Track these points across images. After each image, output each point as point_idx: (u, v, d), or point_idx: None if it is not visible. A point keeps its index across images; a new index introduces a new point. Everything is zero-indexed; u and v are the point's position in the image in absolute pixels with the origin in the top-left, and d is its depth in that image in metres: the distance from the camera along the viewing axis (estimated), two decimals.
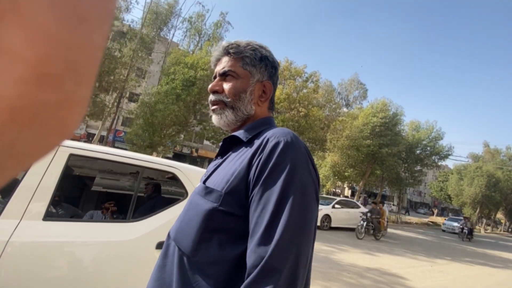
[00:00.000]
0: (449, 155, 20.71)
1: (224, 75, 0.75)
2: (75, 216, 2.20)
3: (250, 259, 0.53)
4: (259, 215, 0.56)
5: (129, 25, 13.92)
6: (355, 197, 19.60)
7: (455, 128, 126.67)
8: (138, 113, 11.70)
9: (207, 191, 0.63)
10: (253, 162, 0.60)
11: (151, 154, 10.72)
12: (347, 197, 32.75)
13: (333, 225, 10.31)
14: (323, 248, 6.81)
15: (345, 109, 21.12)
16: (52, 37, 0.12)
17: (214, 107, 0.75)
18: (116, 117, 14.76)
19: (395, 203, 25.02)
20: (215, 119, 0.76)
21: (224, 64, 0.75)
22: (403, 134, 19.61)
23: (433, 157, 20.70)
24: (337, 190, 34.31)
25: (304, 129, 12.50)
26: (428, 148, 20.41)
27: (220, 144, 0.77)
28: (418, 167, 21.09)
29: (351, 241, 8.76)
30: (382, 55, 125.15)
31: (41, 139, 0.14)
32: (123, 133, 19.90)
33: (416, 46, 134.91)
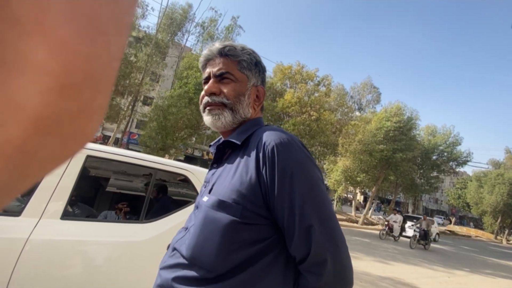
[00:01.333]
0: (467, 161, 19.97)
1: (220, 77, 0.73)
2: (90, 215, 2.26)
3: (297, 254, 0.60)
4: (288, 220, 0.59)
5: (145, 31, 14.32)
6: (368, 203, 19.17)
7: (475, 133, 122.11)
8: (152, 116, 11.95)
9: (223, 204, 0.61)
10: (261, 171, 0.61)
11: (163, 156, 10.91)
12: (359, 202, 32.01)
13: None
14: None
15: (357, 113, 20.79)
16: (73, 50, 0.12)
17: (210, 107, 0.73)
18: (131, 120, 15.14)
19: (410, 210, 24.25)
20: (210, 120, 0.73)
21: (220, 65, 0.73)
22: (419, 139, 19.09)
23: (451, 163, 20.03)
24: (349, 196, 33.67)
25: (315, 133, 12.39)
26: (445, 154, 19.76)
27: (213, 152, 0.76)
28: (435, 173, 20.43)
29: (363, 248, 8.54)
30: (396, 58, 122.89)
31: (62, 146, 0.15)
32: (136, 136, 20.37)
33: (432, 48, 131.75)
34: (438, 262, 8.61)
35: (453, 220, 36.75)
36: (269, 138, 0.63)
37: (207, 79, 0.76)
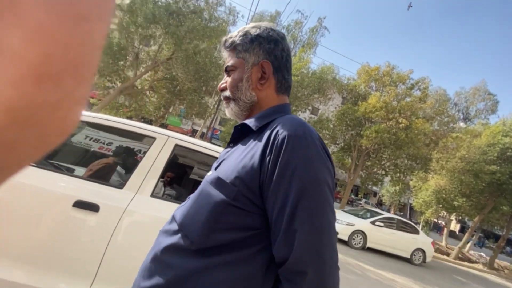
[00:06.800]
0: None
1: (227, 72, 0.76)
2: (179, 198, 2.54)
3: (276, 255, 0.57)
4: (277, 216, 0.56)
5: None
6: (466, 234, 15.71)
7: None
8: None
9: (220, 183, 0.62)
10: (265, 159, 0.59)
11: None
12: (453, 232, 26.64)
13: (369, 245, 8.10)
14: (379, 272, 5.88)
15: (462, 124, 17.31)
16: (51, 36, 0.12)
17: (224, 102, 0.78)
18: (215, 117, 16.70)
19: None
20: (226, 112, 0.79)
21: (226, 61, 0.77)
22: None
23: None
24: (440, 222, 28.44)
25: (403, 143, 10.93)
26: None
27: (232, 131, 0.77)
28: None
29: (413, 270, 7.04)
30: None
31: (41, 139, 0.14)
32: (219, 132, 22.44)
33: None
34: None
35: None
36: (284, 127, 0.61)
37: None
